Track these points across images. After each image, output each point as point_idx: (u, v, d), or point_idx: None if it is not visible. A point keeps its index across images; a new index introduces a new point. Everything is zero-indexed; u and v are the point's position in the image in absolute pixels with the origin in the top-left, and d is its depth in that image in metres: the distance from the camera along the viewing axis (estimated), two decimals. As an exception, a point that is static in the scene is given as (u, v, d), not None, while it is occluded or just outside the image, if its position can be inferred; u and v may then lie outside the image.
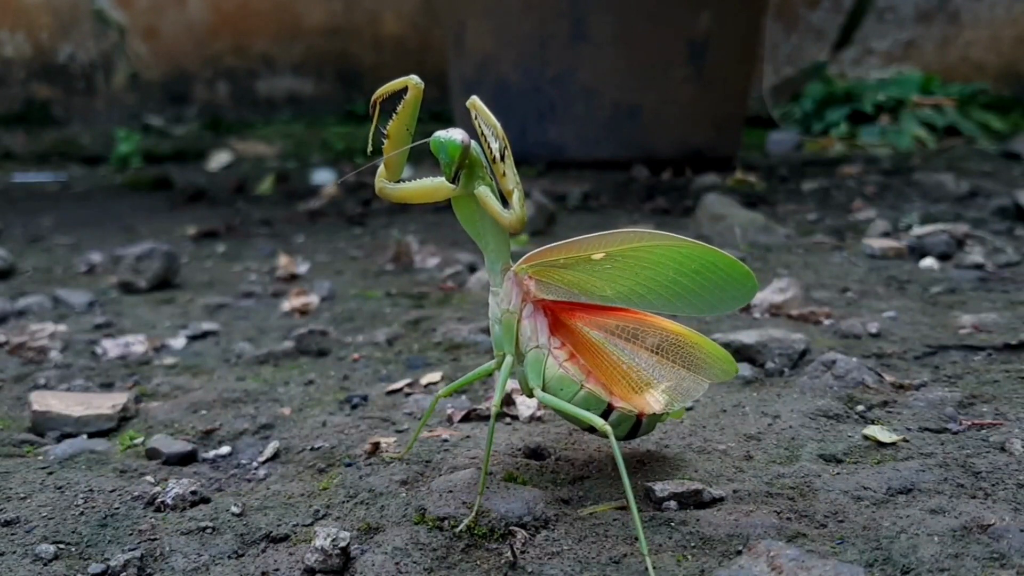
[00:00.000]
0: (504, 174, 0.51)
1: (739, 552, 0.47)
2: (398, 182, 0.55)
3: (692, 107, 2.30)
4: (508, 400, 0.70)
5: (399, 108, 0.52)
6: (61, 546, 0.51)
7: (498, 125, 0.51)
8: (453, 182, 0.52)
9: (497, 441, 0.63)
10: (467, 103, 0.51)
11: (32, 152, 3.29)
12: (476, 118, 0.51)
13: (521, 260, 0.54)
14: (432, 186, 0.54)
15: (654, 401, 0.55)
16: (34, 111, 3.57)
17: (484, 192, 0.52)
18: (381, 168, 0.54)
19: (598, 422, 0.51)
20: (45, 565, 0.49)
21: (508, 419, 0.69)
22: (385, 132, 0.53)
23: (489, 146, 0.51)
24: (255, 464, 0.64)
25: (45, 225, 1.90)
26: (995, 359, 0.79)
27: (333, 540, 0.48)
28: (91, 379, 0.83)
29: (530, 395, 0.55)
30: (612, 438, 0.49)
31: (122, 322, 1.05)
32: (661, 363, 0.56)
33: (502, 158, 0.51)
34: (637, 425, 0.55)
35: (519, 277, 0.54)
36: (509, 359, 0.54)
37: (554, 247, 0.53)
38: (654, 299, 0.54)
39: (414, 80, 0.51)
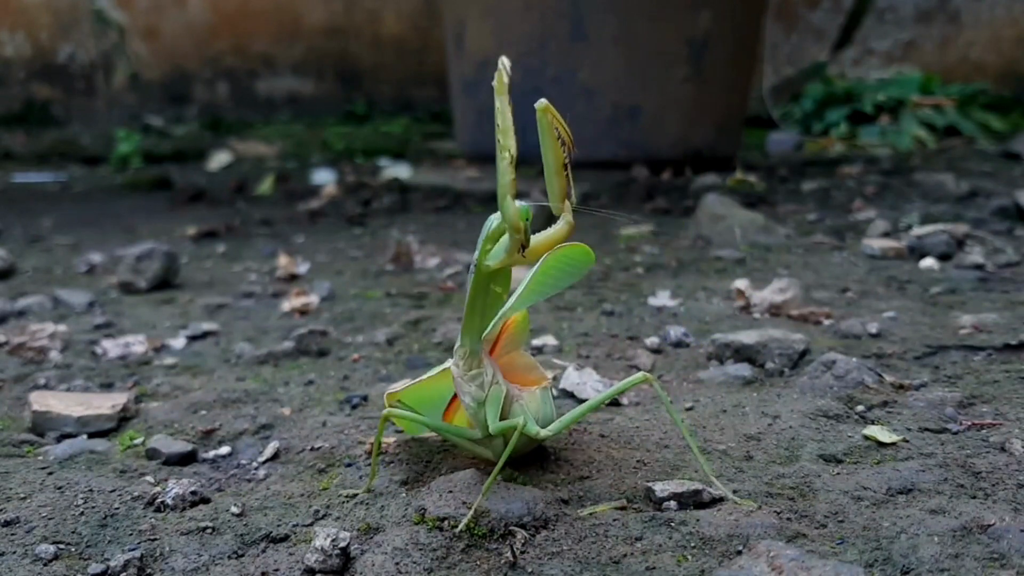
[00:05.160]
0: (568, 179, 0.50)
1: (739, 552, 0.47)
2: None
3: (692, 107, 2.30)
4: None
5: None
6: (61, 546, 0.51)
7: (567, 129, 0.50)
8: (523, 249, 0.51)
9: (497, 441, 0.63)
10: (541, 106, 0.48)
11: (32, 152, 3.29)
12: (551, 122, 0.49)
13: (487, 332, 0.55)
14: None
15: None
16: (34, 111, 3.57)
17: (535, 239, 0.52)
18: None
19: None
20: (45, 565, 0.49)
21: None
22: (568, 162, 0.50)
23: (564, 151, 0.49)
24: (255, 464, 0.64)
25: (45, 225, 1.90)
26: (995, 359, 0.79)
27: (333, 540, 0.48)
28: (91, 379, 0.83)
29: (538, 438, 0.56)
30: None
31: (122, 322, 1.05)
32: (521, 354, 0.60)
33: (566, 165, 0.50)
34: None
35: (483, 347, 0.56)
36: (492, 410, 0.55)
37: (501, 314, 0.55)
38: (535, 299, 0.56)
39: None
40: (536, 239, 0.52)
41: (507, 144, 0.49)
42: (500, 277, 0.55)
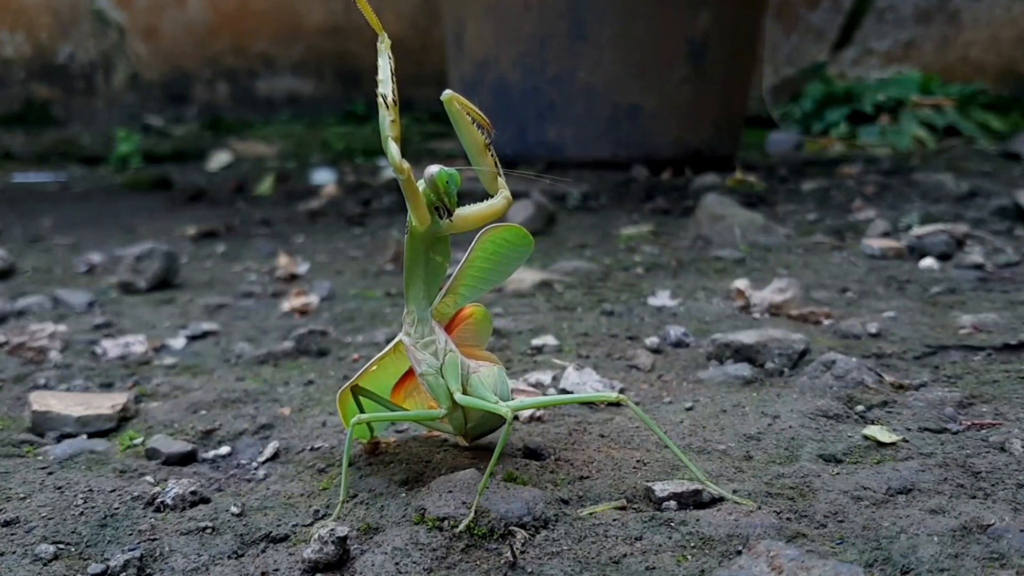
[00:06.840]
0: (495, 162, 0.53)
1: (739, 552, 0.47)
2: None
3: (692, 107, 2.30)
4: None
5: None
6: (61, 546, 0.51)
7: (482, 114, 0.52)
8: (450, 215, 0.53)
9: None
10: (447, 96, 0.51)
11: (32, 152, 3.29)
12: (460, 109, 0.52)
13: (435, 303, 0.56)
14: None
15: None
16: (34, 111, 3.57)
17: (468, 209, 0.54)
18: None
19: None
20: (45, 565, 0.49)
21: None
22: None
23: (483, 132, 0.52)
24: (255, 464, 0.64)
25: (45, 225, 1.90)
26: (995, 359, 0.79)
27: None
28: (91, 379, 0.83)
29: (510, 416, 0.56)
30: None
31: (122, 322, 1.05)
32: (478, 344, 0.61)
33: (488, 145, 0.53)
34: None
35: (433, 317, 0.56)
36: (459, 395, 0.55)
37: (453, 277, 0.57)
38: (484, 287, 0.59)
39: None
40: (468, 209, 0.54)
41: (383, 91, 0.50)
42: (439, 246, 0.56)
